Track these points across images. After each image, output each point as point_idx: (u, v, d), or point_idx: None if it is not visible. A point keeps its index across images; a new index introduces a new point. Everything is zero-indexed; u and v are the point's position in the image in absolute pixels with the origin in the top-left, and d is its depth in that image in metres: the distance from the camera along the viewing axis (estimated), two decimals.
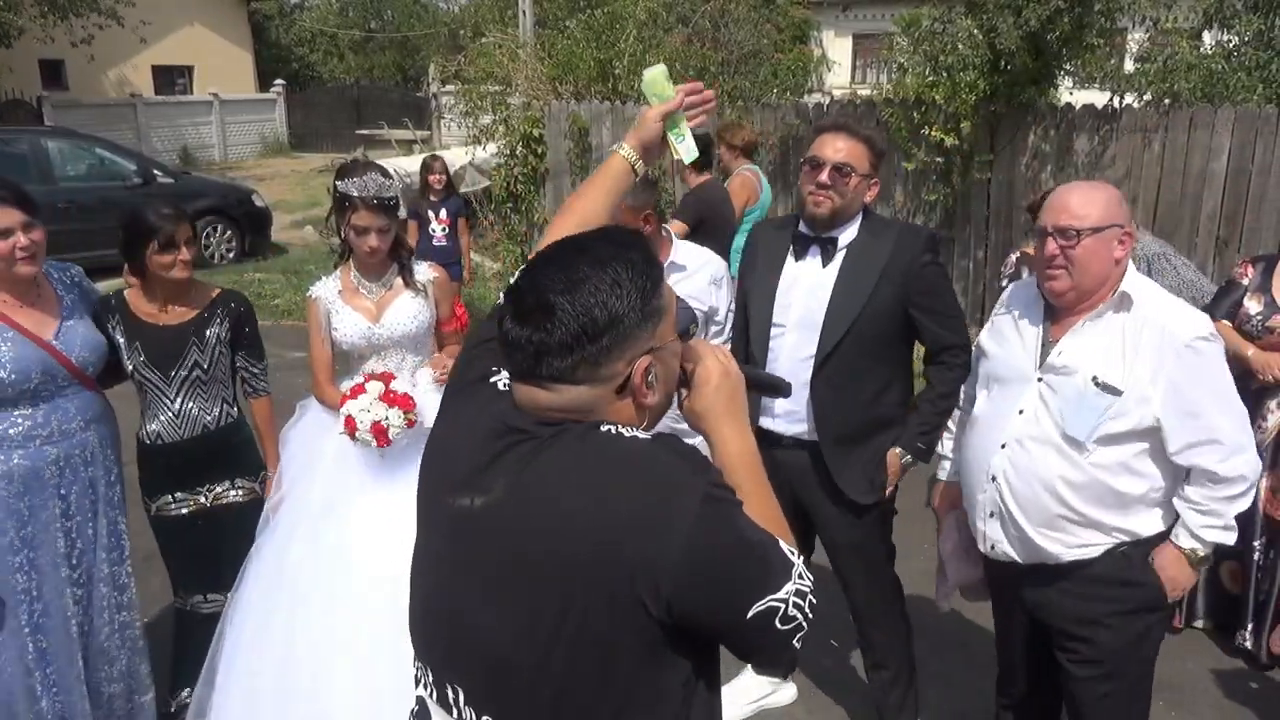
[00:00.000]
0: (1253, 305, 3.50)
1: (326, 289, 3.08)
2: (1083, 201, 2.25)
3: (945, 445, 2.78)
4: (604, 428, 1.24)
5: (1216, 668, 3.64)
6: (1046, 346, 2.34)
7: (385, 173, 3.00)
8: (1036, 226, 2.35)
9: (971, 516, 2.50)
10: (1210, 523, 2.23)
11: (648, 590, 1.16)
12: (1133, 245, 2.29)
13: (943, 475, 2.78)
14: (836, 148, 2.72)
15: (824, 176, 2.71)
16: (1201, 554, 2.27)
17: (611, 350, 1.21)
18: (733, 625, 1.21)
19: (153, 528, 3.12)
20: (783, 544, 1.26)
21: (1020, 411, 2.33)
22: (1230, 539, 2.27)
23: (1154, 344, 2.18)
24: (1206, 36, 8.74)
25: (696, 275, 3.26)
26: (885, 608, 3.02)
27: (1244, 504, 2.24)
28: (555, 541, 1.19)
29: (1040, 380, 2.31)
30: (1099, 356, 2.24)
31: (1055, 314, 2.35)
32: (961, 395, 2.74)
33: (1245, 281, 3.57)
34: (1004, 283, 4.36)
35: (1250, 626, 3.64)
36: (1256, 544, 3.58)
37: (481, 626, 1.25)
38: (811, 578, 1.27)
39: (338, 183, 2.95)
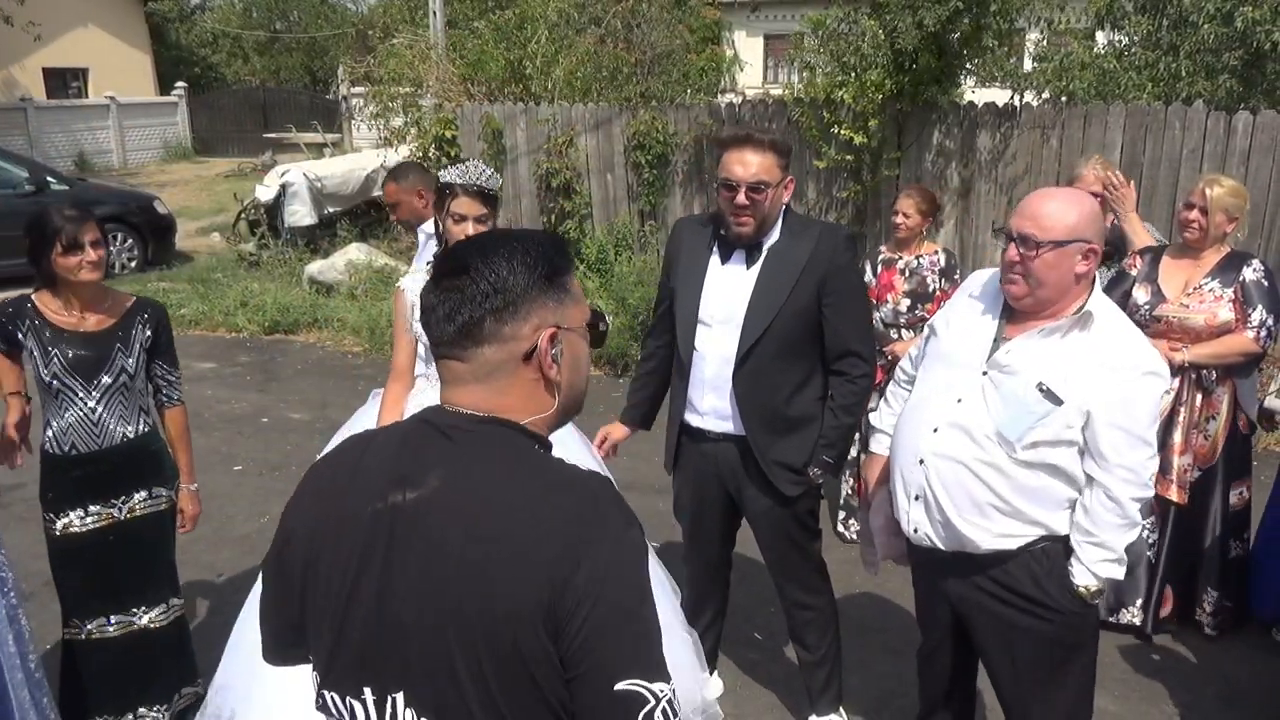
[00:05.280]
0: (1140, 295, 3.62)
1: (415, 281, 3.02)
2: (1052, 212, 2.19)
3: (884, 419, 2.70)
4: (530, 442, 1.29)
5: (1120, 644, 3.78)
6: (998, 342, 2.31)
7: (490, 167, 2.97)
8: (1006, 226, 2.30)
9: (896, 497, 2.48)
10: (1105, 556, 2.25)
11: (552, 605, 1.15)
12: (1096, 263, 2.24)
13: (876, 448, 2.72)
14: (746, 164, 2.69)
15: (741, 198, 2.70)
16: (1095, 588, 2.29)
17: (516, 307, 1.28)
18: (595, 693, 1.15)
19: (52, 549, 2.96)
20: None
21: (959, 400, 2.31)
22: (1120, 572, 2.30)
23: (1104, 367, 2.18)
24: (1100, 37, 9.11)
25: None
26: (812, 590, 3.08)
27: (1131, 535, 2.27)
28: (482, 537, 1.20)
29: (985, 374, 2.29)
30: (1047, 364, 2.22)
31: (1014, 314, 2.32)
32: (904, 375, 2.68)
33: (1134, 272, 3.69)
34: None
35: (1139, 602, 3.76)
36: (1146, 523, 3.69)
37: (414, 622, 1.23)
38: (681, 707, 1.21)
39: (440, 173, 2.93)
